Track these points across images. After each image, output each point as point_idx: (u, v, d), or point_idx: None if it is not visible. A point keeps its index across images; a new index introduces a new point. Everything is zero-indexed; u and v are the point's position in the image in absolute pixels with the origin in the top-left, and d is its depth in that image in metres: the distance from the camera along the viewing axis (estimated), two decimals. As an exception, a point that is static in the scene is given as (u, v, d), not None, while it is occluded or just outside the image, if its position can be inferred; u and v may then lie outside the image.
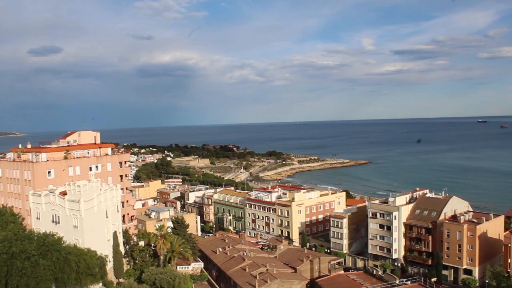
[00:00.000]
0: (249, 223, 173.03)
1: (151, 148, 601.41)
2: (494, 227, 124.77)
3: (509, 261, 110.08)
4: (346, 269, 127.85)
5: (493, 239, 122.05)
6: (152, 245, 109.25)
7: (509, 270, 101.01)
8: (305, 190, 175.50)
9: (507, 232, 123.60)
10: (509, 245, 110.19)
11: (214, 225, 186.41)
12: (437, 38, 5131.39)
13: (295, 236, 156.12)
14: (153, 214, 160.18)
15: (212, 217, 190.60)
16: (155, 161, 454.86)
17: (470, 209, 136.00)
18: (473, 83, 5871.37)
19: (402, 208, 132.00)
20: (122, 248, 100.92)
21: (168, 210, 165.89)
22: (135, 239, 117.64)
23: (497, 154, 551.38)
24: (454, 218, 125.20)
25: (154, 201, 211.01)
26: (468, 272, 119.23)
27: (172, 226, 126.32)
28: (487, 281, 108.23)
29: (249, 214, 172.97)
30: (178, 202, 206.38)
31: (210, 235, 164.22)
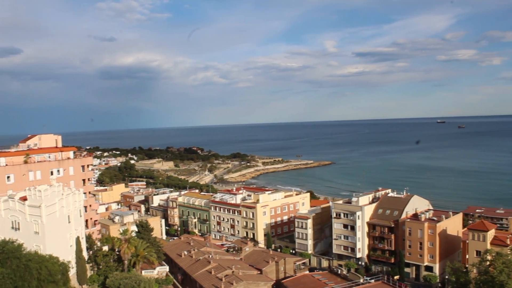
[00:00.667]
0: (214, 225, 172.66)
1: (114, 151, 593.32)
2: (453, 225, 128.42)
3: (467, 256, 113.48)
4: (311, 269, 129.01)
5: (452, 236, 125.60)
6: (116, 249, 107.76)
7: (467, 266, 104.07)
8: (269, 192, 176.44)
9: (465, 229, 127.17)
10: (467, 242, 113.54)
11: (179, 228, 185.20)
12: (398, 41, 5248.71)
13: (261, 238, 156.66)
14: (117, 218, 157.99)
15: (177, 220, 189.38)
16: (119, 164, 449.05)
17: (431, 207, 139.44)
18: (432, 84, 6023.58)
19: (365, 208, 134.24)
20: (85, 254, 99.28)
21: (132, 214, 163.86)
22: (98, 244, 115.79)
23: (455, 153, 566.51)
24: (416, 216, 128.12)
25: (118, 205, 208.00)
26: (429, 269, 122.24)
27: (137, 230, 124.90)
28: (446, 277, 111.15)
29: (214, 216, 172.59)
30: (142, 206, 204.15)
31: (175, 238, 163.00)
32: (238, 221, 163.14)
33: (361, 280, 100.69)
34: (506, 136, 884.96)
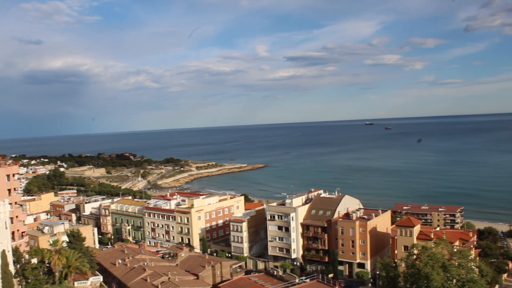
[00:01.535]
0: (149, 232, 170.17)
1: (42, 159, 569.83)
2: (383, 222, 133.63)
3: (396, 252, 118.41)
4: (248, 272, 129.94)
5: (382, 233, 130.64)
6: (46, 261, 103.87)
7: (396, 260, 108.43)
8: (204, 196, 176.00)
9: (394, 226, 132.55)
10: (396, 238, 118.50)
11: (112, 236, 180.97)
12: (327, 46, 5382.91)
13: (196, 243, 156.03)
14: (46, 229, 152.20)
15: (110, 228, 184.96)
16: (47, 172, 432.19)
17: (361, 206, 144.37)
18: (360, 88, 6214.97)
19: (299, 209, 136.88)
20: (12, 268, 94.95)
21: (63, 223, 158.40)
22: (27, 256, 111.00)
23: (383, 153, 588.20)
24: (347, 216, 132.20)
25: (47, 215, 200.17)
26: (361, 265, 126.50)
27: (68, 240, 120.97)
28: (377, 272, 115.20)
29: (148, 223, 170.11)
30: (73, 215, 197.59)
31: (109, 247, 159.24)
32: (173, 227, 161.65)
33: (297, 280, 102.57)
34: (429, 137, 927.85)
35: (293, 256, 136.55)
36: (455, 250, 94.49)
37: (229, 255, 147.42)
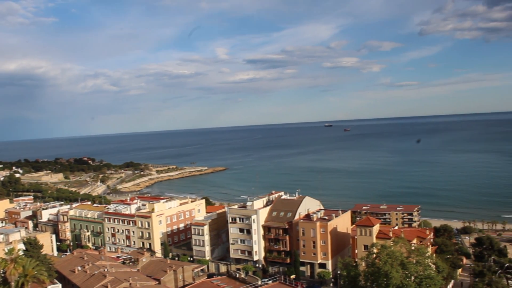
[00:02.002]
0: (109, 237, 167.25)
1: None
2: (343, 222, 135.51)
3: (356, 251, 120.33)
4: (210, 276, 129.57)
5: (342, 233, 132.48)
6: (2, 271, 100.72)
7: (356, 260, 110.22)
8: (164, 200, 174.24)
9: (354, 225, 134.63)
10: (356, 237, 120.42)
11: (71, 243, 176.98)
12: (287, 48, 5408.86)
13: (157, 247, 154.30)
14: (1, 237, 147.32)
15: (68, 235, 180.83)
16: (2, 178, 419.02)
17: (322, 207, 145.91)
18: (320, 90, 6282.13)
19: (260, 211, 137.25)
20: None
21: (19, 231, 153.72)
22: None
23: (342, 155, 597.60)
24: (308, 217, 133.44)
25: (2, 222, 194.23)
26: (323, 265, 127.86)
27: (24, 248, 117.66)
28: (338, 272, 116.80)
29: (108, 228, 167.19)
30: (30, 222, 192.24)
31: (68, 254, 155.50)
32: (133, 232, 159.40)
33: (259, 282, 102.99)
34: (386, 138, 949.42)
35: (255, 258, 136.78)
36: (413, 248, 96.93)
37: (191, 259, 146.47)
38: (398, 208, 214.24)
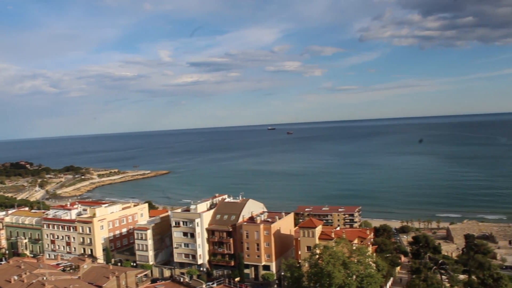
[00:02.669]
0: (48, 244, 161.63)
1: None
2: (286, 224, 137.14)
3: (299, 252, 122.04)
4: (154, 281, 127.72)
5: (285, 235, 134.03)
6: None
7: (300, 261, 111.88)
8: (106, 205, 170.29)
9: (297, 227, 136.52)
10: (299, 239, 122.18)
11: (7, 251, 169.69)
12: (230, 52, 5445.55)
13: (99, 253, 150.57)
14: None
15: (4, 243, 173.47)
16: None
17: (265, 209, 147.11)
18: (263, 93, 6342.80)
19: (204, 214, 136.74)
20: None
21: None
22: None
23: (285, 158, 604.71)
24: (252, 219, 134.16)
25: None
26: (267, 267, 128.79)
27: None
28: (282, 273, 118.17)
29: (47, 235, 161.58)
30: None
31: (3, 262, 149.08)
32: (74, 238, 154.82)
33: (204, 286, 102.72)
34: (328, 141, 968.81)
35: (199, 262, 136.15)
36: (354, 248, 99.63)
37: (134, 264, 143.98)
38: (339, 210, 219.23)
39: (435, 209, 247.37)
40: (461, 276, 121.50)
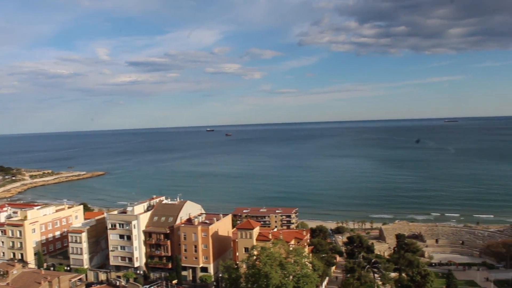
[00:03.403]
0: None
1: None
2: (224, 226, 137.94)
3: (237, 254, 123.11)
4: (88, 285, 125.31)
5: (223, 237, 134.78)
6: None
7: (237, 262, 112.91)
8: (39, 207, 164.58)
9: (234, 229, 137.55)
10: (237, 240, 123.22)
11: None
12: (170, 52, 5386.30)
13: (30, 257, 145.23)
14: None
15: None
16: None
17: (203, 211, 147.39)
18: (202, 94, 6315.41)
19: (141, 216, 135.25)
20: None
21: None
22: None
23: (223, 159, 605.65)
24: (189, 221, 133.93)
25: None
26: (205, 269, 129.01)
27: None
28: (220, 275, 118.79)
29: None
30: None
31: None
32: (2, 242, 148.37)
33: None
34: (266, 143, 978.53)
35: (136, 264, 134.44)
36: (291, 248, 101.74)
37: (68, 268, 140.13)
38: (277, 211, 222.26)
39: (368, 210, 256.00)
40: (393, 274, 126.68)
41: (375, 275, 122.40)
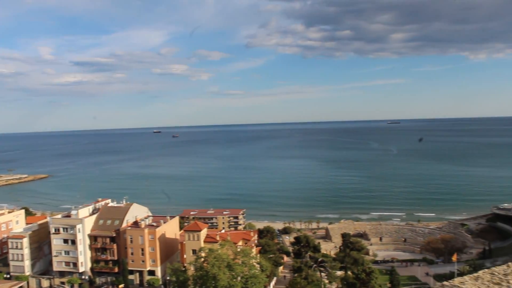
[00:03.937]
0: None
1: None
2: (171, 228, 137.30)
3: (185, 256, 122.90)
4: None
5: (171, 239, 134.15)
6: None
7: (185, 264, 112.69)
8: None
9: (182, 231, 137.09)
10: (184, 242, 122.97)
11: None
12: (116, 52, 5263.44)
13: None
14: None
15: None
16: None
17: (150, 213, 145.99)
18: (149, 96, 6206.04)
19: (86, 220, 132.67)
20: None
21: None
22: None
23: (170, 161, 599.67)
24: (136, 224, 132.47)
25: None
26: (152, 272, 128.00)
27: None
28: (168, 278, 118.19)
29: None
30: None
31: None
32: None
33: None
34: (213, 144, 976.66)
35: (81, 269, 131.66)
36: (238, 249, 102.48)
37: (8, 275, 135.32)
38: (224, 212, 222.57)
39: (315, 210, 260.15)
40: (339, 273, 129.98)
41: (322, 274, 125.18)
